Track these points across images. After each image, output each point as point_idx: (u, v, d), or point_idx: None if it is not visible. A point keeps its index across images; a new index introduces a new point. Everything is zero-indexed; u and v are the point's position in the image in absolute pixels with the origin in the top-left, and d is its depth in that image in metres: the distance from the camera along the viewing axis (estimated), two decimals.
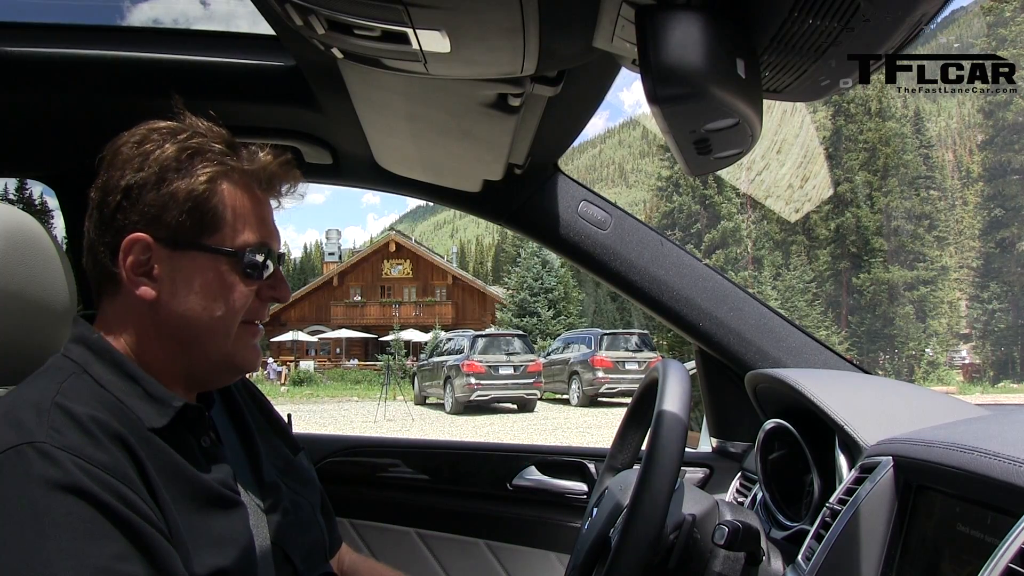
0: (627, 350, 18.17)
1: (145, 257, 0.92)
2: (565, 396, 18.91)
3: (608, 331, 19.56)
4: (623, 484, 1.16)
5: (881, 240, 36.51)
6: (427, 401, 19.29)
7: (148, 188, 0.92)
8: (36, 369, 0.92)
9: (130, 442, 0.83)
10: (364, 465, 2.01)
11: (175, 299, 0.93)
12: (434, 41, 0.80)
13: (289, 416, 1.31)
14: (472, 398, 16.45)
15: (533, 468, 1.92)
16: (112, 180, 0.93)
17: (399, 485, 2.00)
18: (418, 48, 0.81)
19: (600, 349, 17.83)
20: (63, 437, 0.79)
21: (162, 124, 0.96)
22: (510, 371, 16.72)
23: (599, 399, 17.80)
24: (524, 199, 1.66)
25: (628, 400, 1.48)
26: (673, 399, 0.98)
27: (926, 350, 34.70)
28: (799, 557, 1.01)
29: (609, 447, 1.40)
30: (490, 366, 16.61)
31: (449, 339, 19.42)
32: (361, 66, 0.93)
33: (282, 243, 1.06)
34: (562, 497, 1.88)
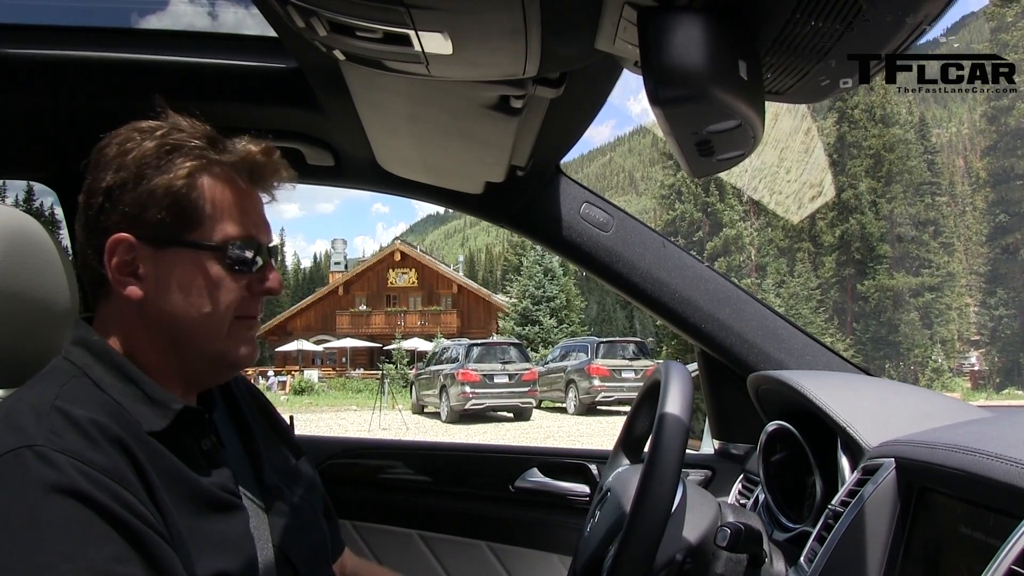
0: (624, 358, 18.04)
1: (130, 257, 0.92)
2: (563, 404, 18.80)
3: (604, 339, 19.43)
4: (625, 486, 1.16)
5: (886, 246, 36.38)
6: (424, 410, 19.18)
7: (128, 188, 0.91)
8: (38, 371, 0.92)
9: (129, 445, 0.83)
10: (366, 467, 2.01)
11: (162, 297, 0.93)
12: (436, 43, 0.80)
13: (291, 419, 1.31)
14: (467, 407, 16.37)
15: (535, 470, 1.92)
16: (95, 182, 0.93)
17: (401, 487, 2.00)
18: (420, 50, 0.82)
19: (596, 357, 17.71)
20: (62, 440, 0.79)
21: (144, 124, 0.95)
22: (505, 380, 16.64)
23: (596, 407, 17.68)
24: (526, 201, 1.66)
25: (625, 408, 1.48)
26: (675, 401, 0.98)
27: (931, 356, 34.50)
28: (801, 559, 1.00)
29: (610, 450, 1.40)
30: (485, 375, 16.53)
31: (446, 348, 19.33)
32: (363, 68, 0.93)
33: (274, 236, 1.04)
34: (564, 499, 1.88)
